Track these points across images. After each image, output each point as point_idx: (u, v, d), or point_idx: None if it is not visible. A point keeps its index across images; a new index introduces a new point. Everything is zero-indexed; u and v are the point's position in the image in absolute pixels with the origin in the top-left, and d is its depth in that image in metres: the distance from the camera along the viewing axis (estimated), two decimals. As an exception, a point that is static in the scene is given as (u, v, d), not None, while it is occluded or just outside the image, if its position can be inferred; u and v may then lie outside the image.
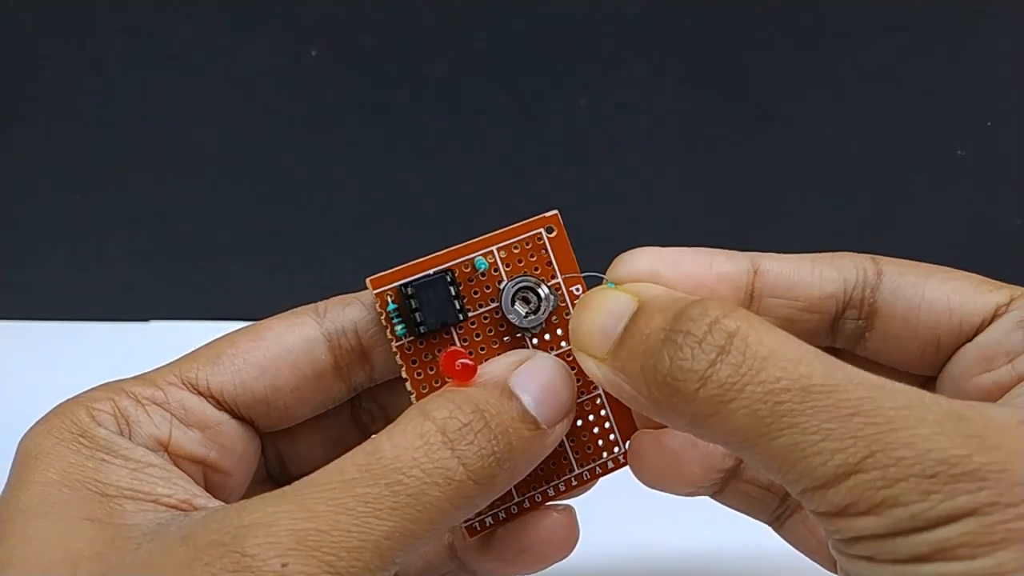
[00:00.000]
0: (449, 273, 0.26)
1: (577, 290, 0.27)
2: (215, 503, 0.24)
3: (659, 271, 0.25)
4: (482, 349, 0.27)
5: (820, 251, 0.27)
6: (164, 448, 0.25)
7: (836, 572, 0.26)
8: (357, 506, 0.21)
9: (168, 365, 0.26)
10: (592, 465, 0.28)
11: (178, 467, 0.25)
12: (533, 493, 0.27)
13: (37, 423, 0.24)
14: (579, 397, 0.27)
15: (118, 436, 0.24)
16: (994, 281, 0.26)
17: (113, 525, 0.22)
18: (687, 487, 0.28)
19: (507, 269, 0.27)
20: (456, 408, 0.23)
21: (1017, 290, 0.25)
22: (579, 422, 0.27)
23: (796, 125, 0.48)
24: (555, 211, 0.27)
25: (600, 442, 0.28)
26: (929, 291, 0.25)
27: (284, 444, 0.29)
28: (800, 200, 0.49)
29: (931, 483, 0.19)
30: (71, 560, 0.21)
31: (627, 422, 0.28)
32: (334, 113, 0.48)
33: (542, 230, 0.27)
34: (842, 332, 0.27)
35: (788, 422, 0.20)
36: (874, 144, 0.49)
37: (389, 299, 0.26)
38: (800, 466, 0.20)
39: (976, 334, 0.25)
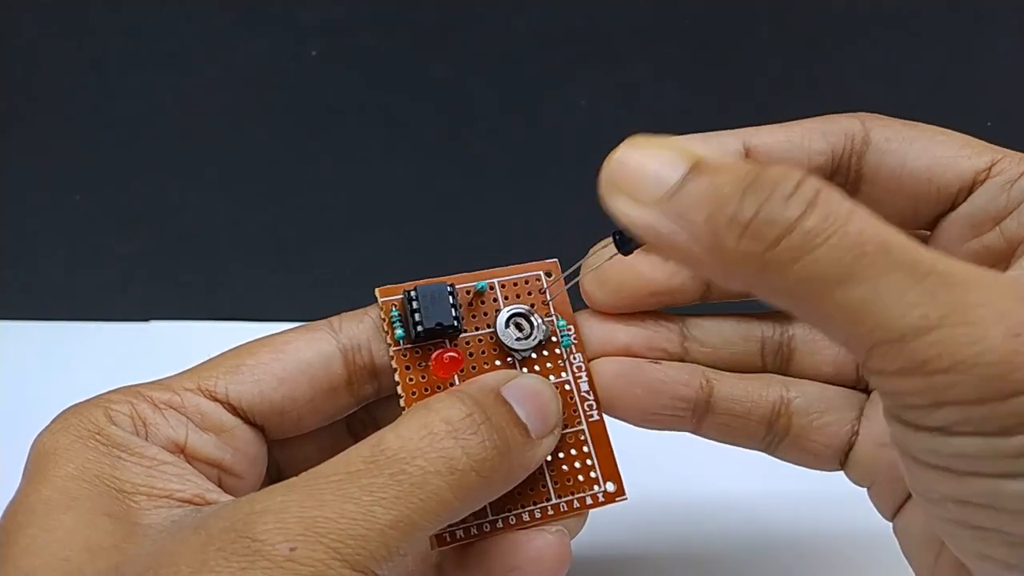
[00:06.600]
0: (451, 286, 0.28)
1: (570, 328, 0.29)
2: (227, 498, 0.24)
3: None
4: (473, 368, 0.28)
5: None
6: (180, 450, 0.26)
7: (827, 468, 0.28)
8: (362, 495, 0.22)
9: (186, 372, 0.27)
10: (570, 497, 0.28)
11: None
12: (508, 514, 0.27)
13: (53, 421, 0.25)
14: (563, 428, 0.28)
15: (133, 436, 0.25)
16: (978, 142, 0.26)
17: (130, 522, 0.23)
18: (653, 411, 0.28)
19: (505, 300, 0.29)
20: (459, 401, 0.24)
21: (999, 152, 0.26)
22: (560, 454, 0.28)
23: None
24: (555, 259, 0.30)
25: (580, 477, 0.28)
26: (911, 159, 0.25)
27: (281, 454, 0.29)
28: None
29: (1018, 342, 0.19)
30: (91, 550, 0.22)
31: (608, 462, 0.28)
32: (334, 113, 0.48)
33: (541, 273, 0.30)
34: None
35: (869, 273, 0.19)
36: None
37: (393, 307, 0.28)
38: (879, 317, 0.19)
39: (959, 201, 0.25)
